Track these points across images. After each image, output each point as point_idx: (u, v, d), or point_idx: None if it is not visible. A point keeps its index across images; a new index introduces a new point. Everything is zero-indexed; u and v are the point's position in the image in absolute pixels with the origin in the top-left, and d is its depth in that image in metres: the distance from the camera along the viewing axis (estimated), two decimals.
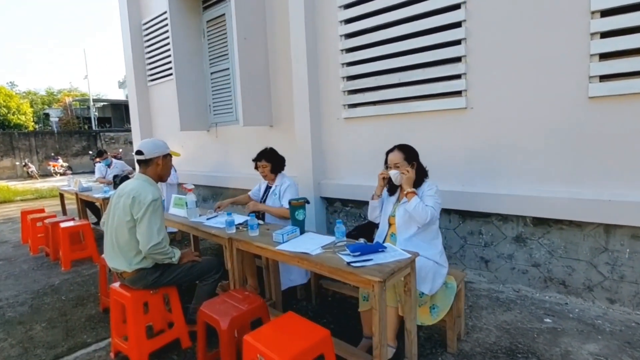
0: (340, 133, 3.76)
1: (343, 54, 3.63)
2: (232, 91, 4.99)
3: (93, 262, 4.20)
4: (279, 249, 2.00)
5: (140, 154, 2.27)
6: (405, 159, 2.21)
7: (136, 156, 2.30)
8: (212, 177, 5.36)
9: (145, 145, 2.28)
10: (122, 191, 2.25)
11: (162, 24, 5.89)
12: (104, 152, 6.20)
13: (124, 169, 6.10)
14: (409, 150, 2.26)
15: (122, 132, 21.61)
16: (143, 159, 2.28)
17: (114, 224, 2.22)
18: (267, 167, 2.94)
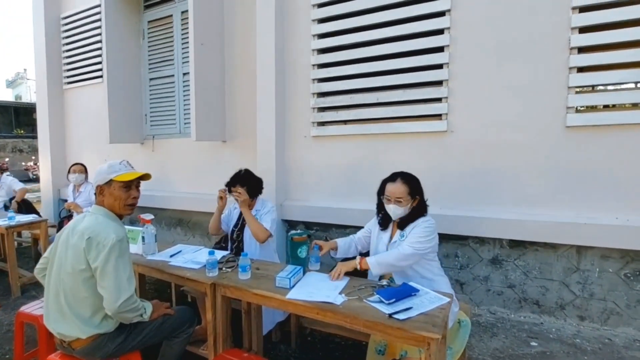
0: (307, 152, 3.45)
1: (315, 69, 3.35)
2: (175, 100, 4.33)
3: None
4: (291, 299, 1.59)
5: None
6: (409, 193, 1.88)
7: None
8: (146, 196, 4.52)
9: (94, 174, 1.72)
10: (73, 229, 1.62)
11: (88, 20, 4.92)
12: None
13: (14, 187, 4.57)
14: (414, 183, 1.92)
15: (10, 138, 17.95)
16: (94, 188, 1.71)
17: (60, 274, 1.58)
18: (242, 192, 2.43)
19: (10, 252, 3.44)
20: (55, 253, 1.64)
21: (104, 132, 4.91)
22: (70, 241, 1.58)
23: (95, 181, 1.68)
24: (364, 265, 1.71)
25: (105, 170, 1.69)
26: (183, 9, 4.14)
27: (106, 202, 1.69)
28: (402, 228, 1.89)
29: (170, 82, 4.35)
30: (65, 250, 1.59)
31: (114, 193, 1.68)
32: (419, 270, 1.86)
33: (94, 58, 4.92)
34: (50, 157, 5.42)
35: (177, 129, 4.34)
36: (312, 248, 1.94)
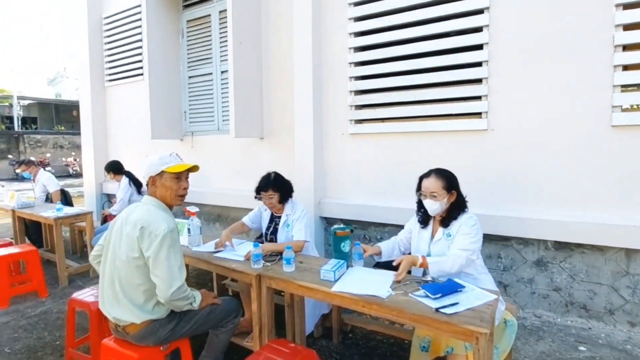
0: (345, 149, 3.50)
1: (352, 67, 3.40)
2: (214, 98, 4.50)
3: (39, 297, 3.39)
4: (337, 291, 1.65)
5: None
6: (444, 187, 1.89)
7: None
8: None
9: (145, 165, 1.82)
10: (126, 218, 1.74)
11: (129, 20, 5.20)
12: (24, 163, 4.89)
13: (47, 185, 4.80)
14: (449, 178, 1.94)
15: (52, 134, 19.13)
16: (147, 178, 1.82)
17: (115, 262, 1.70)
18: (274, 197, 2.44)
19: (58, 242, 3.70)
20: (110, 241, 1.77)
21: (143, 128, 5.17)
22: (124, 230, 1.70)
23: (146, 172, 1.78)
24: (425, 264, 1.74)
25: (157, 162, 1.80)
26: (221, 8, 4.29)
27: (158, 192, 1.80)
28: (446, 226, 1.90)
29: (209, 80, 4.52)
30: (119, 239, 1.71)
31: (165, 184, 1.79)
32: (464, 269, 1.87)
33: (135, 56, 5.19)
34: (93, 153, 5.76)
35: (215, 126, 4.51)
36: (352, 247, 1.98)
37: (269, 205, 2.49)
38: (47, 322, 2.94)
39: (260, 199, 2.51)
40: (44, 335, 2.74)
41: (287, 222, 2.47)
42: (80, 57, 5.74)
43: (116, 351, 1.75)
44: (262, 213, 2.67)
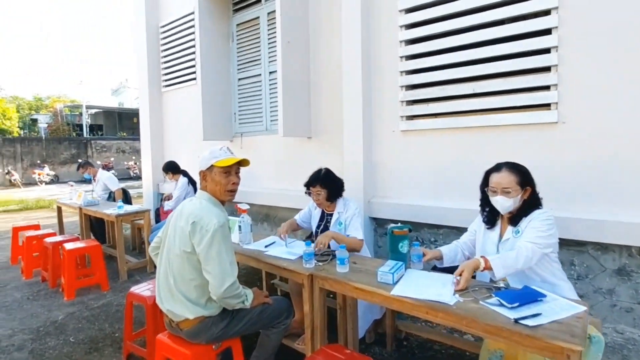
0: (396, 147, 3.33)
1: (403, 61, 3.23)
2: (262, 99, 4.53)
3: (101, 290, 3.58)
4: (397, 295, 1.51)
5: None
6: (518, 182, 1.67)
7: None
8: None
9: (201, 156, 1.80)
10: (181, 212, 1.74)
11: (183, 27, 5.42)
12: (82, 165, 5.20)
13: (110, 185, 5.12)
14: (523, 172, 1.72)
15: (115, 140, 20.73)
16: (199, 171, 1.81)
17: (169, 256, 1.70)
18: (322, 193, 2.37)
19: (118, 238, 3.90)
20: (166, 234, 1.78)
21: (196, 130, 5.35)
22: (178, 224, 1.69)
23: (200, 167, 1.77)
24: (488, 266, 1.54)
25: (207, 156, 1.78)
26: (269, 10, 4.32)
27: (209, 187, 1.78)
28: (515, 224, 1.69)
29: (257, 82, 4.57)
30: (173, 233, 1.71)
31: (215, 178, 1.76)
32: (539, 272, 1.65)
33: (188, 62, 5.40)
34: (150, 155, 6.06)
35: (263, 127, 4.54)
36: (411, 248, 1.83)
37: (316, 201, 2.43)
38: (108, 314, 3.08)
39: (310, 194, 2.44)
40: (104, 327, 2.86)
41: (339, 220, 2.38)
42: (140, 65, 6.09)
43: (170, 347, 1.74)
44: (312, 212, 2.60)
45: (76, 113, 24.62)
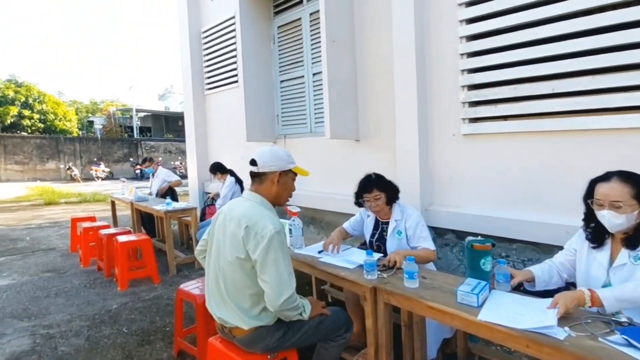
0: (456, 152, 3.04)
1: (464, 59, 2.94)
2: (306, 100, 4.39)
3: (152, 283, 3.57)
4: (487, 322, 1.27)
5: (253, 164, 1.62)
6: (634, 196, 1.35)
7: (250, 167, 1.66)
8: None
9: (260, 154, 1.62)
10: (229, 214, 1.57)
11: (224, 31, 5.44)
12: (148, 160, 5.56)
13: (168, 178, 5.48)
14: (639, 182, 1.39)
15: (162, 141, 21.68)
16: (256, 171, 1.62)
17: (220, 261, 1.55)
18: (381, 197, 2.10)
19: (168, 234, 3.89)
20: (213, 236, 1.63)
21: (238, 132, 5.31)
22: (228, 227, 1.53)
23: (272, 165, 1.59)
24: (597, 302, 1.25)
25: (285, 157, 1.63)
26: (311, 10, 4.18)
27: (274, 189, 1.61)
28: (633, 247, 1.38)
29: (301, 83, 4.44)
30: (223, 237, 1.55)
31: (287, 183, 1.63)
32: None
33: (229, 65, 5.40)
34: (195, 156, 6.14)
35: (307, 129, 4.40)
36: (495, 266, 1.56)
37: (374, 208, 2.16)
38: (159, 307, 3.04)
39: (361, 204, 2.22)
40: (155, 320, 2.82)
41: (397, 229, 2.13)
42: (184, 70, 6.20)
43: (223, 353, 1.61)
44: (365, 219, 2.36)
45: (127, 116, 26.06)
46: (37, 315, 2.90)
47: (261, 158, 1.60)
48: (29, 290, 3.42)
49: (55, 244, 5.24)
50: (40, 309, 3.01)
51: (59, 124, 23.54)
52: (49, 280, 3.69)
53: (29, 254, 4.68)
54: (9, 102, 20.87)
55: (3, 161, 17.05)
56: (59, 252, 4.80)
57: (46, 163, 18.05)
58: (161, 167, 5.57)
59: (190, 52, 5.93)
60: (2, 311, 2.97)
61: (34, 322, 2.77)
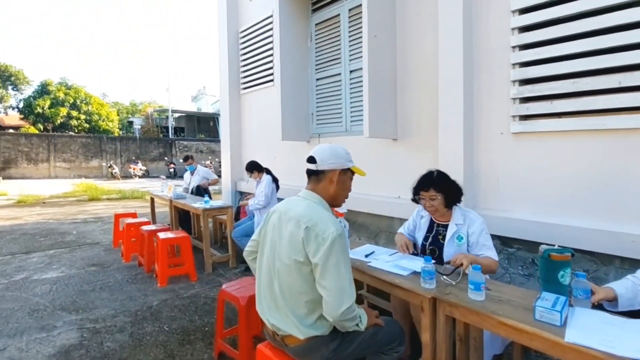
0: (505, 152, 2.81)
1: (516, 52, 2.71)
2: (342, 99, 4.26)
3: (190, 280, 3.57)
4: (578, 345, 1.08)
5: (311, 161, 1.50)
6: None
7: (307, 164, 1.54)
8: None
9: (320, 152, 1.50)
10: (285, 213, 1.46)
11: (262, 31, 5.39)
12: (190, 157, 5.62)
13: (208, 176, 5.54)
14: None
15: (194, 141, 22.21)
16: (314, 169, 1.49)
17: (275, 263, 1.44)
18: (437, 198, 1.92)
19: (205, 232, 3.88)
20: (266, 237, 1.52)
21: (271, 131, 5.26)
22: (285, 227, 1.41)
23: (331, 163, 1.46)
24: None
25: (345, 155, 1.51)
26: (350, 6, 4.03)
27: (332, 189, 1.49)
28: None
29: (337, 81, 4.31)
30: (278, 237, 1.44)
31: (345, 182, 1.52)
32: None
33: (266, 64, 5.34)
34: (230, 155, 6.15)
35: (343, 128, 4.26)
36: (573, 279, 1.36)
37: (429, 208, 1.98)
38: (197, 306, 3.01)
39: (417, 201, 2.06)
40: (194, 319, 2.78)
41: (457, 233, 1.93)
42: (221, 69, 6.21)
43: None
44: (418, 221, 2.18)
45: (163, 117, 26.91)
46: (84, 308, 2.94)
47: (320, 155, 1.48)
48: (76, 284, 3.49)
49: (99, 238, 5.39)
50: (87, 303, 3.05)
51: (103, 124, 24.68)
52: (94, 274, 3.76)
53: (75, 248, 4.83)
54: (60, 104, 22.09)
55: (53, 159, 18.05)
56: (103, 246, 4.93)
57: (90, 161, 18.94)
58: (199, 165, 5.64)
59: (228, 52, 5.94)
60: (53, 303, 3.04)
61: (82, 316, 2.80)
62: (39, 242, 5.16)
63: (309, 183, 1.53)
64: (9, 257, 4.41)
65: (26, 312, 2.86)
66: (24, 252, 4.63)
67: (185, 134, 26.73)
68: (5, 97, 22.25)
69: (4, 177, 16.23)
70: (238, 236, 3.88)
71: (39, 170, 17.69)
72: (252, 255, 1.64)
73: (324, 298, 1.30)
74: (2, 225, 6.35)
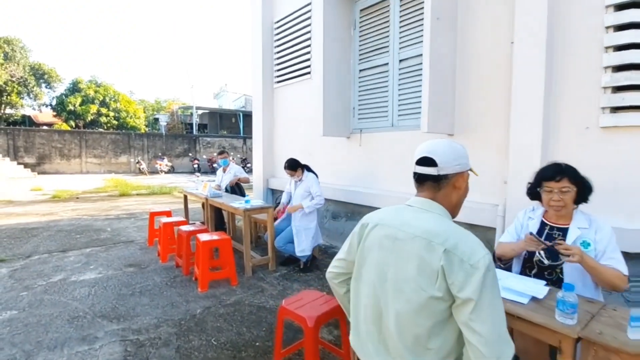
0: (590, 149, 2.39)
1: (610, 33, 2.28)
2: (388, 91, 3.87)
3: (230, 284, 3.29)
4: None
5: (428, 163, 1.11)
6: None
7: (418, 167, 1.15)
8: (348, 191, 4.27)
9: (440, 151, 1.11)
10: (401, 228, 1.07)
11: (297, 21, 5.04)
12: (225, 151, 5.20)
13: (240, 174, 5.15)
14: None
15: (217, 137, 22.17)
16: (435, 174, 1.11)
17: (388, 292, 1.06)
18: (570, 191, 1.54)
19: (246, 233, 3.59)
20: (367, 257, 1.15)
21: (307, 127, 4.93)
22: (404, 248, 1.03)
23: (456, 165, 1.10)
24: None
25: (466, 154, 1.14)
26: None
27: (455, 197, 1.13)
28: None
29: (383, 72, 3.92)
30: (394, 260, 1.05)
31: (466, 188, 1.16)
32: None
33: (302, 56, 5.00)
34: (262, 151, 5.86)
35: (388, 122, 3.89)
36: None
37: (555, 204, 1.57)
38: (243, 315, 2.72)
39: (535, 196, 1.66)
40: (242, 331, 2.49)
41: (583, 239, 1.54)
42: (254, 63, 5.89)
43: None
44: (524, 222, 1.75)
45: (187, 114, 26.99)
46: (125, 316, 2.70)
47: (442, 156, 1.09)
48: (114, 286, 3.28)
49: (134, 236, 5.21)
50: (127, 309, 2.82)
51: (130, 121, 24.96)
52: (132, 276, 3.54)
53: (111, 246, 4.66)
54: (90, 101, 22.42)
55: (84, 155, 18.32)
56: (138, 245, 4.73)
57: (119, 157, 19.14)
58: (232, 162, 5.33)
59: (262, 44, 5.62)
60: (92, 309, 2.82)
61: (123, 325, 2.56)
62: (75, 239, 5.01)
63: (423, 190, 1.14)
64: (46, 255, 4.26)
65: (66, 320, 2.65)
66: (60, 250, 4.48)
67: (208, 130, 26.76)
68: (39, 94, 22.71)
69: (39, 172, 16.56)
70: (282, 245, 3.59)
71: (71, 165, 17.99)
72: (340, 278, 1.30)
73: (472, 346, 0.93)
74: (39, 221, 6.28)
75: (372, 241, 1.14)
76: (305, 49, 4.93)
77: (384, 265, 1.09)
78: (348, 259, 1.24)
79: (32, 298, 3.03)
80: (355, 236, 1.22)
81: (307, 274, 3.60)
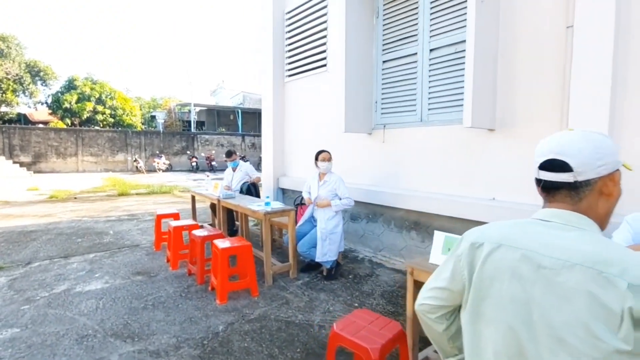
0: None
1: None
2: (417, 84, 3.57)
3: (251, 295, 2.99)
4: None
5: (559, 168, 0.81)
6: None
7: (546, 174, 0.84)
8: (369, 191, 3.98)
9: (576, 150, 0.79)
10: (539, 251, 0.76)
11: (311, 10, 4.70)
12: (233, 153, 4.89)
13: (251, 173, 4.91)
14: None
15: (216, 135, 21.72)
16: (571, 180, 0.80)
17: (537, 339, 0.74)
18: None
19: (266, 238, 3.27)
20: (489, 288, 0.83)
21: (324, 123, 4.62)
22: (555, 278, 0.73)
23: (601, 166, 0.78)
24: None
25: (611, 148, 0.82)
26: None
27: (601, 207, 0.81)
28: None
29: (411, 62, 3.61)
30: (541, 293, 0.74)
31: (614, 192, 0.83)
32: None
33: (316, 47, 4.67)
34: (272, 149, 5.53)
35: (417, 117, 3.59)
36: None
37: None
38: (271, 332, 2.42)
39: None
40: (275, 353, 2.19)
41: None
42: (264, 56, 5.55)
43: None
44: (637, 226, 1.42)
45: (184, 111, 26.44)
46: (140, 335, 2.39)
47: (579, 156, 0.79)
48: (124, 298, 2.96)
49: (138, 240, 4.87)
50: (141, 326, 2.50)
51: (126, 119, 24.37)
52: (142, 286, 3.22)
53: (115, 251, 4.32)
54: (86, 99, 21.82)
55: (80, 153, 17.81)
56: (144, 249, 4.40)
57: (116, 155, 18.65)
58: (242, 161, 5.01)
59: (273, 36, 5.26)
60: (102, 326, 2.50)
61: (139, 346, 2.25)
62: (77, 243, 4.67)
63: (555, 200, 0.84)
64: (47, 262, 3.92)
65: (74, 339, 2.33)
66: (62, 256, 4.14)
67: (206, 128, 26.26)
68: (34, 92, 22.05)
69: (35, 171, 16.05)
70: (305, 250, 3.30)
71: (67, 164, 17.48)
72: (439, 312, 0.99)
73: None
74: (38, 223, 5.91)
75: (496, 267, 0.82)
76: (320, 40, 4.60)
77: (525, 303, 0.78)
78: (453, 289, 0.93)
79: (35, 312, 2.70)
80: (463, 259, 0.90)
81: (332, 282, 3.31)
